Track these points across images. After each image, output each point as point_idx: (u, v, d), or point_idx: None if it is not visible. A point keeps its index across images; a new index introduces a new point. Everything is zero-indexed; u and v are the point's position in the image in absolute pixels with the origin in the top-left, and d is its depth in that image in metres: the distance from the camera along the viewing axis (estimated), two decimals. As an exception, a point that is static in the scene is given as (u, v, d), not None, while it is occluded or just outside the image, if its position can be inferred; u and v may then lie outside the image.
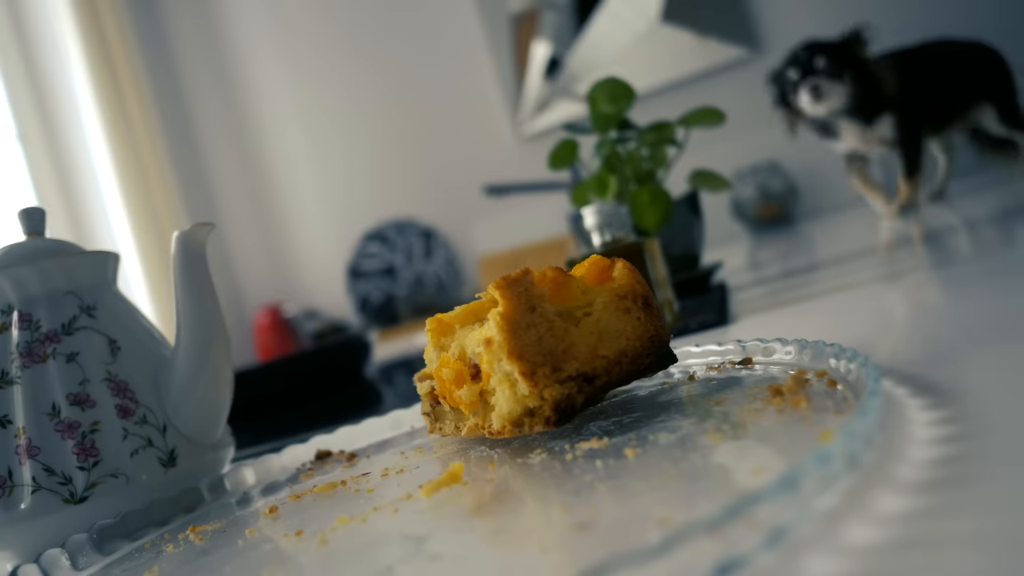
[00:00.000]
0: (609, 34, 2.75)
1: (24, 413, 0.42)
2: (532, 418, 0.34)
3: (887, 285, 0.58)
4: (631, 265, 0.39)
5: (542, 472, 0.30)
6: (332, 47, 3.22)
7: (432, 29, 3.07)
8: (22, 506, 0.41)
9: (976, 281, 0.49)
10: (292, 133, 3.36)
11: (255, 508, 0.40)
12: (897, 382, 0.30)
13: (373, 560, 0.25)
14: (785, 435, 0.26)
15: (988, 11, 2.32)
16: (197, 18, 3.41)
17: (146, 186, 3.04)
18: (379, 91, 3.17)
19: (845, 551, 0.18)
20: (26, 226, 0.48)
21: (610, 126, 0.83)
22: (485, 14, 2.94)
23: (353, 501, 0.34)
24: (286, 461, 0.49)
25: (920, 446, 0.23)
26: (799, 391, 0.30)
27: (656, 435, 0.30)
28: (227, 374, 0.48)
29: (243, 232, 3.45)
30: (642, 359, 0.36)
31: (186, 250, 0.47)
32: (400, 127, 3.17)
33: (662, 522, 0.21)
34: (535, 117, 2.90)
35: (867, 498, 0.20)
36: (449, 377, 0.38)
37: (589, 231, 0.64)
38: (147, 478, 0.43)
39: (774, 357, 0.37)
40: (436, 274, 3.15)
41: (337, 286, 3.31)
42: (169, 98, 3.37)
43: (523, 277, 0.35)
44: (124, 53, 3.04)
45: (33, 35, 3.06)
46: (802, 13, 2.53)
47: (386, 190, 3.22)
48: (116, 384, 0.44)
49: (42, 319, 0.44)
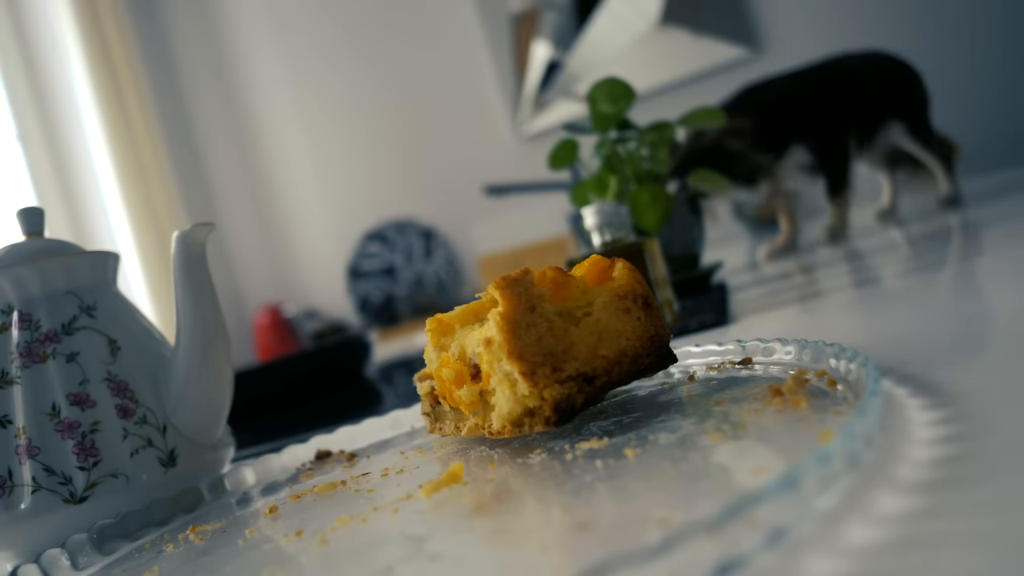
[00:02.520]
0: (609, 34, 2.75)
1: (24, 413, 0.42)
2: (532, 418, 0.34)
3: (887, 285, 0.58)
4: (631, 265, 0.39)
5: (542, 472, 0.30)
6: (332, 47, 3.22)
7: (432, 29, 3.07)
8: (22, 506, 0.41)
9: (976, 281, 0.49)
10: (292, 133, 3.36)
11: (255, 508, 0.40)
12: (897, 382, 0.30)
13: (373, 560, 0.25)
14: (785, 435, 0.26)
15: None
16: (197, 18, 3.41)
17: (146, 186, 3.04)
18: (379, 91, 3.17)
19: (845, 551, 0.18)
20: (25, 226, 0.48)
21: (610, 126, 0.83)
22: (485, 14, 2.94)
23: (353, 501, 0.34)
24: (286, 461, 0.48)
25: (920, 446, 0.23)
26: (799, 391, 0.30)
27: (656, 435, 0.30)
28: (227, 374, 0.48)
29: (243, 232, 3.45)
30: (642, 359, 0.36)
31: (186, 250, 0.47)
32: (400, 127, 3.17)
33: (662, 522, 0.21)
34: (535, 117, 2.90)
35: (867, 498, 0.20)
36: (449, 377, 0.38)
37: (589, 231, 0.64)
38: (147, 478, 0.43)
39: (774, 357, 0.37)
40: (436, 274, 3.15)
41: (337, 286, 3.31)
42: (169, 98, 3.37)
43: (523, 277, 0.35)
44: (124, 53, 3.04)
45: (33, 35, 3.06)
46: (802, 13, 2.53)
47: (386, 190, 3.22)
48: (116, 384, 0.44)
49: (42, 319, 0.44)
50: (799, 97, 1.16)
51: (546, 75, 2.85)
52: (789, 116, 1.15)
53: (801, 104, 1.16)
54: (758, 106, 1.15)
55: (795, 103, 1.16)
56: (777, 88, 1.18)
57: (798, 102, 1.16)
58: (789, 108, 1.15)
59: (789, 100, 1.16)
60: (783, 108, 1.15)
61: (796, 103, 1.16)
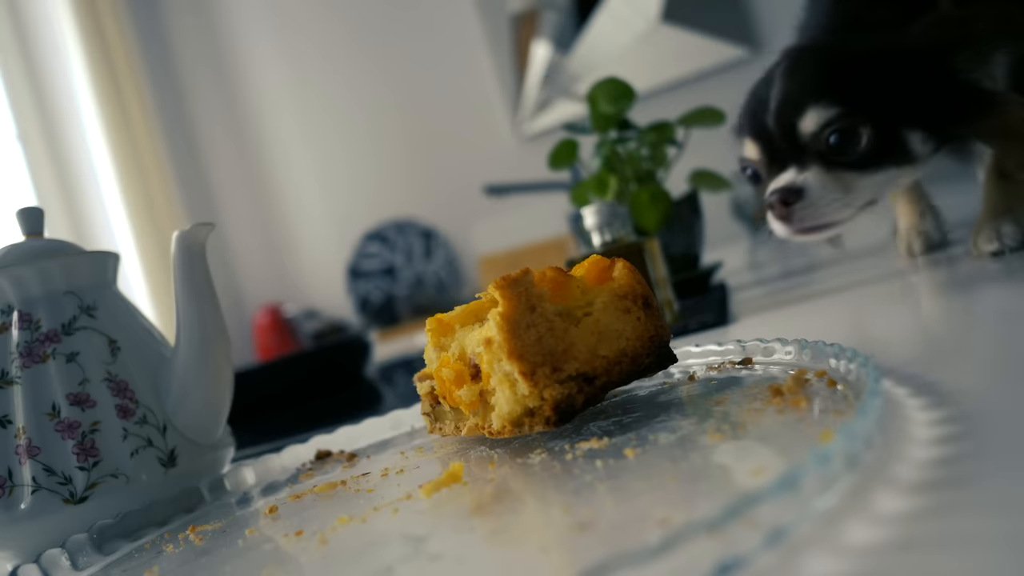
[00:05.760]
0: (609, 34, 2.75)
1: (24, 413, 0.42)
2: (532, 418, 0.34)
3: (887, 285, 0.58)
4: (631, 265, 0.39)
5: (542, 472, 0.30)
6: (332, 47, 3.22)
7: (432, 29, 3.07)
8: (22, 506, 0.41)
9: (977, 281, 0.49)
10: (292, 133, 3.36)
11: (255, 508, 0.40)
12: (897, 382, 0.30)
13: (373, 560, 0.25)
14: (785, 435, 0.26)
15: None
16: (197, 18, 3.41)
17: (146, 186, 3.04)
18: (379, 91, 3.17)
19: (845, 551, 0.18)
20: (25, 226, 0.48)
21: (610, 126, 0.84)
22: (485, 14, 2.94)
23: (353, 501, 0.34)
24: (286, 461, 0.48)
25: (920, 446, 0.23)
26: (799, 391, 0.30)
27: (656, 435, 0.30)
28: (227, 374, 0.48)
29: (243, 232, 3.45)
30: (642, 359, 0.36)
31: (186, 250, 0.47)
32: (400, 127, 3.17)
33: (662, 522, 0.21)
34: (535, 117, 2.90)
35: (867, 498, 0.20)
36: (449, 377, 0.38)
37: (589, 231, 0.64)
38: (147, 478, 0.43)
39: (774, 357, 0.37)
40: (436, 274, 3.15)
41: (337, 286, 3.31)
42: (169, 98, 3.37)
43: (523, 277, 0.35)
44: (124, 53, 3.04)
45: (33, 35, 3.06)
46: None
47: (386, 190, 3.22)
48: (116, 384, 0.44)
49: (42, 319, 0.44)
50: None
51: (545, 75, 2.85)
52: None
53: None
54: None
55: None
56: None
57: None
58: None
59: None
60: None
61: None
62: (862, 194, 0.53)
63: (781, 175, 0.54)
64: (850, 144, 0.51)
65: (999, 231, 0.52)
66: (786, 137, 0.53)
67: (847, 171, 0.52)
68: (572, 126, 0.89)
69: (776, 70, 0.56)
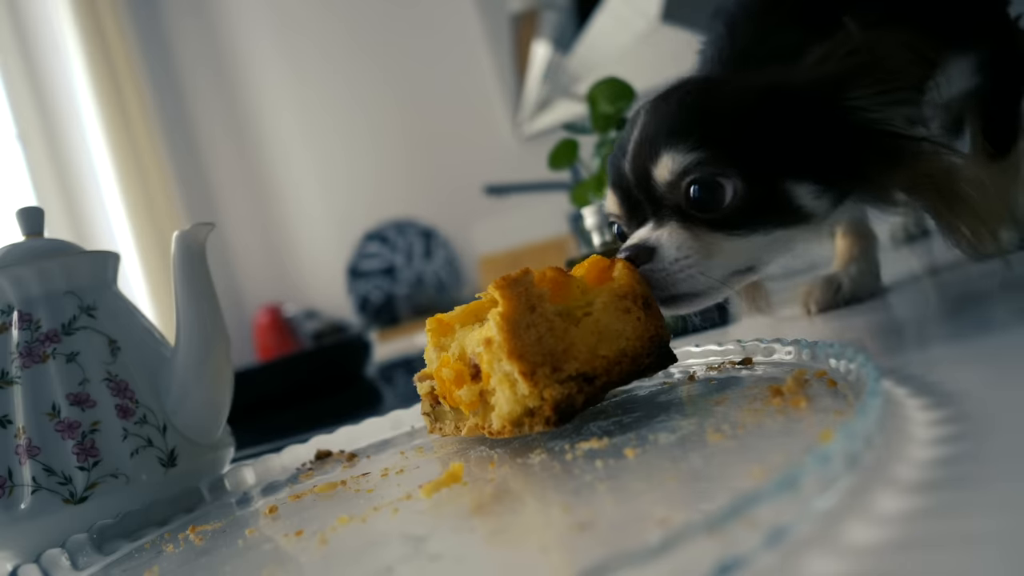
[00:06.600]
0: (609, 34, 2.75)
1: (24, 413, 0.42)
2: (532, 418, 0.34)
3: (887, 284, 0.58)
4: (631, 265, 0.39)
5: (542, 472, 0.30)
6: (332, 47, 3.21)
7: (432, 29, 3.07)
8: (22, 506, 0.41)
9: (977, 281, 0.49)
10: (292, 133, 3.36)
11: (255, 508, 0.40)
12: (897, 382, 0.30)
13: (373, 560, 0.25)
14: (785, 435, 0.26)
15: None
16: (197, 18, 3.41)
17: (146, 186, 3.04)
18: (379, 91, 3.17)
19: (845, 551, 0.18)
20: (25, 226, 0.48)
21: (610, 126, 0.83)
22: (485, 14, 2.94)
23: (353, 501, 0.34)
24: (286, 461, 0.48)
25: (920, 446, 0.23)
26: (799, 391, 0.30)
27: (656, 435, 0.30)
28: (227, 374, 0.48)
29: (243, 232, 3.45)
30: (642, 359, 0.36)
31: (186, 250, 0.47)
32: (400, 127, 3.17)
33: (662, 522, 0.21)
34: (535, 117, 2.90)
35: (867, 498, 0.20)
36: (449, 377, 0.38)
37: (589, 231, 0.64)
38: (147, 478, 0.43)
39: (774, 357, 0.38)
40: (436, 274, 3.15)
41: (337, 286, 3.31)
42: (169, 98, 3.36)
43: (523, 277, 0.35)
44: (124, 53, 3.04)
45: (33, 35, 3.06)
46: (802, 13, 2.52)
47: (386, 190, 3.22)
48: (116, 384, 0.44)
49: (42, 319, 0.44)
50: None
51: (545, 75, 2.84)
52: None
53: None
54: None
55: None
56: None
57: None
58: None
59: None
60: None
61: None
62: (733, 259, 0.42)
63: (637, 231, 0.44)
64: (713, 198, 0.41)
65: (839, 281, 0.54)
66: (642, 187, 0.44)
67: (710, 231, 0.41)
68: (572, 126, 0.89)
69: (642, 108, 0.48)
